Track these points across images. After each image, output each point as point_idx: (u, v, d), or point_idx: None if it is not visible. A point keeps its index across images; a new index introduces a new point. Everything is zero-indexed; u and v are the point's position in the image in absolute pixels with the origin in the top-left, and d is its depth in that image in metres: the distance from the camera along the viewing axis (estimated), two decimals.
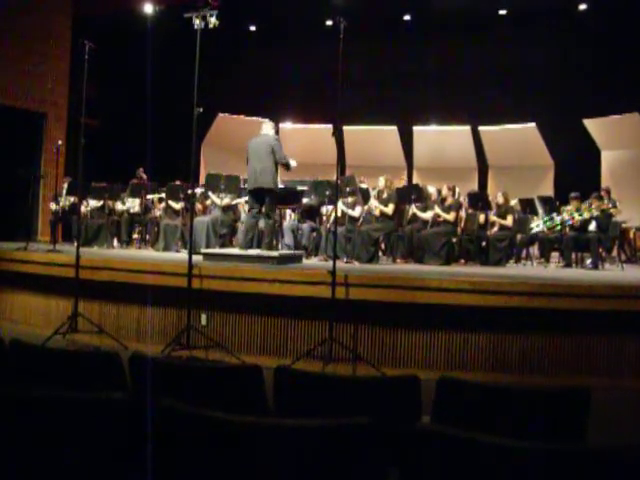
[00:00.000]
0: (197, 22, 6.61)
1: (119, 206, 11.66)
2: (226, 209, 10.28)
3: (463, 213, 10.37)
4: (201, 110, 6.66)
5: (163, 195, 11.06)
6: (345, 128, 14.93)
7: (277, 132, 8.46)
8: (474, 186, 15.08)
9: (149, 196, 11.51)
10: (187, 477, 2.10)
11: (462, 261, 9.91)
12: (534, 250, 10.90)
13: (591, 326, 6.26)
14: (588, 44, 13.61)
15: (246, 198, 10.16)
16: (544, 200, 10.76)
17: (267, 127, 8.27)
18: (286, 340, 6.69)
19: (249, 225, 8.21)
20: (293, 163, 8.26)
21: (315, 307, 6.51)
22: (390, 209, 9.37)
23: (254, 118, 15.95)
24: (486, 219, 10.24)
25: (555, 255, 10.47)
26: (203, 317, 6.89)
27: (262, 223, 8.35)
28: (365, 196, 9.81)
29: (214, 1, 6.59)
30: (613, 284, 6.57)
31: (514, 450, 1.84)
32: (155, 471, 2.08)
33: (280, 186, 9.81)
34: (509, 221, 10.07)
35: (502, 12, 14.57)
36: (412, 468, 2.01)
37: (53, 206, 11.64)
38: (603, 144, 14.53)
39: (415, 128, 16.24)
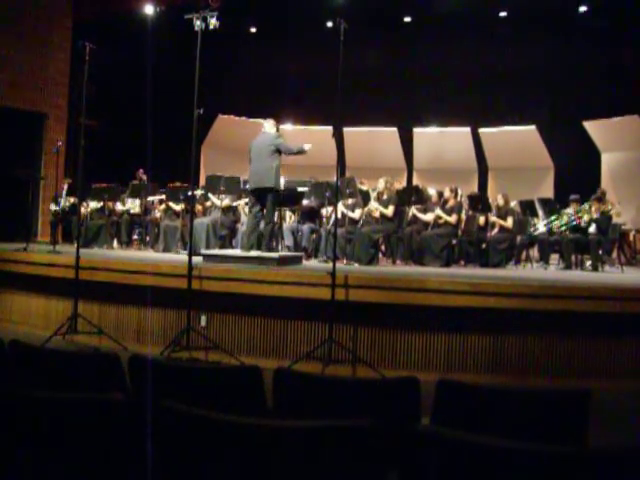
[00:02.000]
0: (197, 23, 6.61)
1: (119, 207, 11.66)
2: (226, 210, 10.28)
3: (463, 215, 10.36)
4: (201, 111, 6.67)
5: (163, 196, 11.06)
6: (345, 129, 14.95)
7: (277, 129, 8.39)
8: (474, 188, 15.08)
9: (149, 197, 11.51)
10: (186, 478, 2.10)
11: (462, 263, 9.91)
12: (534, 252, 10.90)
13: (591, 328, 6.26)
14: (588, 46, 13.60)
15: (246, 200, 10.18)
16: (544, 202, 10.76)
17: (268, 125, 8.24)
18: (286, 341, 6.68)
19: (252, 226, 8.19)
20: (307, 147, 8.14)
21: (315, 308, 6.50)
22: (390, 211, 9.37)
23: (254, 119, 15.99)
24: (486, 221, 10.24)
25: (555, 257, 10.47)
26: (203, 318, 6.89)
27: (261, 225, 8.34)
28: (365, 198, 9.80)
29: (214, 2, 6.60)
30: (613, 286, 6.57)
31: (514, 452, 1.84)
32: (155, 472, 2.08)
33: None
34: (509, 223, 10.06)
35: (502, 14, 14.56)
36: (411, 470, 2.01)
37: (53, 207, 11.64)
38: (603, 146, 14.52)
39: (415, 130, 16.24)
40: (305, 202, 9.92)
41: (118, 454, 2.20)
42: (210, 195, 10.50)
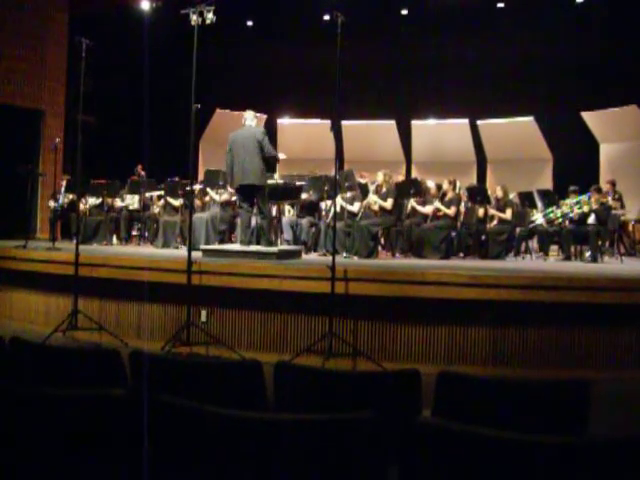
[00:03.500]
0: (194, 18, 6.59)
1: (118, 203, 11.65)
2: (225, 205, 10.26)
3: (462, 207, 10.36)
4: (199, 106, 6.65)
5: (162, 192, 11.05)
6: (343, 123, 14.92)
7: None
8: (473, 180, 15.07)
9: (148, 193, 11.50)
10: (188, 473, 2.10)
11: (461, 255, 9.91)
12: (533, 243, 10.91)
13: (591, 319, 6.26)
14: (586, 37, 13.57)
15: None
16: (543, 193, 10.75)
17: (250, 117, 8.03)
18: (286, 335, 6.69)
19: (246, 221, 8.17)
20: (281, 156, 8.15)
21: (315, 302, 6.50)
22: (389, 204, 9.36)
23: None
24: (485, 213, 10.23)
25: (554, 248, 10.47)
26: (203, 313, 6.89)
27: (258, 219, 8.31)
28: (364, 191, 9.80)
29: None
30: (612, 277, 6.58)
31: (515, 443, 1.84)
32: (155, 467, 2.08)
33: (279, 181, 9.81)
34: (508, 215, 10.06)
35: (500, 5, 14.54)
36: (412, 462, 2.01)
37: (52, 204, 11.62)
38: (601, 137, 14.52)
39: (413, 122, 16.22)
40: (304, 196, 9.92)
41: (119, 449, 2.20)
42: (209, 190, 10.49)
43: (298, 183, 9.72)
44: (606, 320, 6.27)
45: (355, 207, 9.64)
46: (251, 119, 8.04)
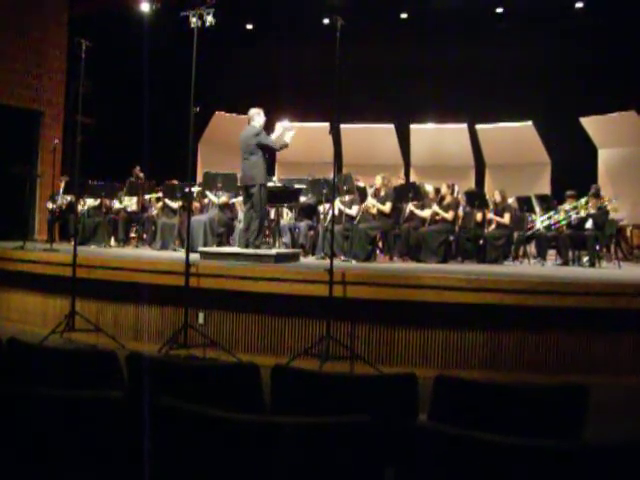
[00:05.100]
0: (194, 20, 6.60)
1: (116, 205, 11.65)
2: (223, 207, 10.26)
3: (461, 211, 10.37)
4: (198, 109, 6.65)
5: (160, 194, 11.05)
6: (342, 126, 14.91)
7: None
8: (471, 184, 15.07)
9: (146, 195, 11.50)
10: (184, 475, 2.10)
11: (459, 259, 9.91)
12: (531, 248, 10.92)
13: (588, 323, 6.27)
14: (585, 42, 13.60)
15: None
16: (541, 198, 10.77)
17: (252, 114, 8.02)
18: (283, 338, 6.68)
19: (246, 223, 8.15)
20: (289, 137, 7.98)
21: (312, 305, 6.50)
22: (387, 207, 9.37)
23: None
24: (483, 217, 10.24)
25: (552, 253, 10.48)
26: (200, 316, 6.89)
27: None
28: (362, 194, 9.81)
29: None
30: (610, 282, 6.59)
31: (512, 448, 1.84)
32: (153, 469, 2.08)
33: (277, 184, 9.80)
34: (506, 219, 10.07)
35: (499, 10, 14.57)
36: (409, 466, 2.01)
37: (50, 205, 11.61)
38: (600, 142, 14.52)
39: (412, 126, 16.21)
40: (302, 199, 9.92)
41: (116, 452, 2.20)
42: (207, 192, 10.49)
43: (297, 186, 9.72)
44: (603, 325, 6.27)
45: (353, 210, 9.64)
46: (253, 116, 7.99)
